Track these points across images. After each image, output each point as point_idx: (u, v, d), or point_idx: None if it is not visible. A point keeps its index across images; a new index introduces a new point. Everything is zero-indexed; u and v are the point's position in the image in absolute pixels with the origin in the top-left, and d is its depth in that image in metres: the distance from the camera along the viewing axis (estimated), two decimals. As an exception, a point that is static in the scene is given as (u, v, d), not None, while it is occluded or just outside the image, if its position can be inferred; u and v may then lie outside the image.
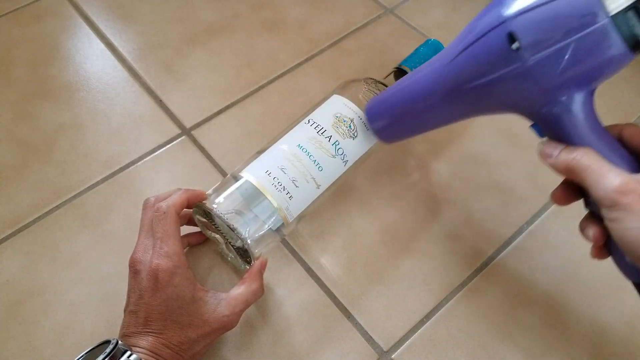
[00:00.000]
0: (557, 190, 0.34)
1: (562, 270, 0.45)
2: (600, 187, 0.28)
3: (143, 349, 0.33)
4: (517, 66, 0.29)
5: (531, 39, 0.29)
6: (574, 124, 0.31)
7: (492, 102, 0.34)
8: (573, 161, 0.30)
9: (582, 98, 0.30)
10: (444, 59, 0.36)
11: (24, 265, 0.45)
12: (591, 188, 0.29)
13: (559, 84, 0.30)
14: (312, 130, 0.43)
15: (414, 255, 0.46)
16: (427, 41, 0.53)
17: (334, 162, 0.43)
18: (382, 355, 0.41)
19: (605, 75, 0.30)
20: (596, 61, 0.29)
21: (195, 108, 0.55)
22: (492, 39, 0.30)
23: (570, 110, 0.30)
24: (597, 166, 0.29)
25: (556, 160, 0.31)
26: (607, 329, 0.42)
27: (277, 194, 0.40)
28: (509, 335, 0.42)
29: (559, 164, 0.31)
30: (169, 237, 0.36)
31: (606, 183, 0.28)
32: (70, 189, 0.49)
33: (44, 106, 0.55)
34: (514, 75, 0.30)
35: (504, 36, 0.29)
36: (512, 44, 0.29)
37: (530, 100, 0.31)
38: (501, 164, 0.51)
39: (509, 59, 0.30)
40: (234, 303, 0.37)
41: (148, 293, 0.34)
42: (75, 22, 0.63)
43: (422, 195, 0.49)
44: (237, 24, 0.63)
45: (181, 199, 0.39)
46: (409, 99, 0.40)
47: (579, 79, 0.29)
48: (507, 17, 0.29)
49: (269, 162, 0.42)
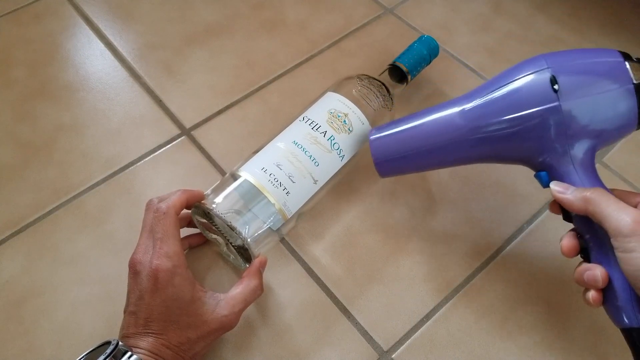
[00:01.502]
0: (564, 243, 0.36)
1: (562, 270, 0.45)
2: (621, 217, 0.30)
3: (143, 349, 0.33)
4: (554, 105, 0.34)
5: (568, 85, 0.34)
6: (581, 173, 0.35)
7: (513, 144, 0.37)
8: (592, 194, 0.32)
9: (590, 151, 0.35)
10: (472, 97, 0.38)
11: (24, 265, 0.45)
12: (609, 218, 0.31)
13: (580, 130, 0.35)
14: (307, 127, 0.43)
15: (414, 255, 0.46)
16: (421, 37, 0.53)
17: (330, 157, 0.43)
18: (382, 355, 0.41)
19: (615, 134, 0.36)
20: (612, 117, 0.34)
21: (195, 108, 0.55)
22: (537, 78, 0.35)
23: (578, 159, 0.35)
24: (613, 199, 0.32)
25: (573, 194, 0.34)
26: (607, 328, 0.42)
27: (274, 190, 0.40)
28: (509, 335, 0.42)
29: (577, 196, 0.33)
30: (168, 237, 0.36)
31: (624, 214, 0.30)
32: (70, 189, 0.49)
33: (44, 106, 0.55)
34: (548, 113, 0.35)
35: (547, 78, 0.35)
36: (553, 85, 0.34)
37: (550, 144, 0.35)
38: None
39: (548, 98, 0.35)
40: (232, 303, 0.37)
41: (148, 294, 0.34)
42: (75, 22, 0.63)
43: (422, 195, 0.49)
44: (237, 24, 0.63)
45: (180, 200, 0.39)
46: (425, 138, 0.40)
47: (595, 131, 0.35)
48: (552, 65, 0.35)
49: (265, 160, 0.42)
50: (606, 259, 0.33)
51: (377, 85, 0.48)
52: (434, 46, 0.53)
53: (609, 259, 0.33)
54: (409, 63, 0.51)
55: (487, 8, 0.65)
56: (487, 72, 0.58)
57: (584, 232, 0.35)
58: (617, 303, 0.32)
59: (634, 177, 0.51)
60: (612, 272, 0.33)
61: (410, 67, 0.51)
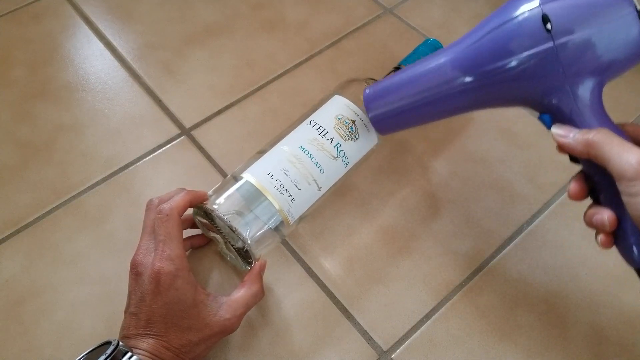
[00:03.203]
0: (572, 187, 0.34)
1: (562, 270, 0.45)
2: (624, 160, 0.28)
3: (143, 350, 0.33)
4: (548, 47, 0.31)
5: (563, 22, 0.31)
6: (586, 113, 0.32)
7: (509, 88, 0.34)
8: (595, 136, 0.30)
9: (596, 88, 0.32)
10: (463, 44, 0.36)
11: (24, 265, 0.45)
12: (612, 161, 0.29)
13: (580, 69, 0.32)
14: (314, 132, 0.43)
15: (413, 255, 0.46)
16: (427, 41, 0.53)
17: (336, 164, 0.43)
18: (382, 355, 0.41)
19: (622, 66, 0.32)
20: (616, 50, 0.31)
21: (194, 108, 0.55)
22: (527, 19, 0.32)
23: (583, 99, 0.32)
24: (617, 141, 0.29)
25: (574, 138, 0.31)
26: (607, 328, 0.42)
27: (280, 196, 0.40)
28: (508, 335, 0.42)
29: (578, 141, 0.31)
30: (171, 240, 0.36)
31: (629, 156, 0.28)
32: (70, 189, 0.49)
33: (43, 106, 0.55)
34: (542, 56, 0.32)
35: (538, 17, 0.31)
36: (545, 24, 0.31)
37: (550, 86, 0.33)
38: (501, 163, 0.51)
39: (541, 39, 0.32)
40: (235, 306, 0.37)
41: (150, 296, 0.34)
42: (74, 22, 0.63)
43: (422, 195, 0.49)
44: (236, 24, 0.63)
45: (184, 201, 0.38)
46: (419, 85, 0.39)
47: (599, 68, 0.32)
48: (543, 2, 0.32)
49: (270, 164, 0.41)
50: (615, 200, 0.31)
51: None
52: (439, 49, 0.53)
53: (619, 201, 0.30)
54: None
55: (487, 8, 0.65)
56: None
57: (592, 173, 0.33)
58: (629, 244, 0.31)
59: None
60: (622, 214, 0.31)
61: None
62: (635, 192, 0.28)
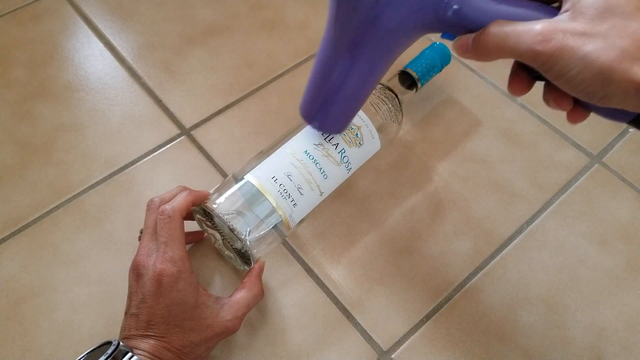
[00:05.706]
0: (510, 82, 0.31)
1: (562, 270, 0.45)
2: (523, 47, 0.25)
3: (144, 351, 0.33)
4: None
5: None
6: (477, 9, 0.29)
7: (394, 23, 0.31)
8: (487, 38, 0.27)
9: None
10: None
11: (24, 265, 0.45)
12: (517, 54, 0.26)
13: None
14: (319, 136, 0.42)
15: (413, 255, 0.46)
16: (433, 44, 0.53)
17: (339, 170, 0.43)
18: (382, 355, 0.41)
19: None
20: None
21: (194, 108, 0.55)
22: None
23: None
24: (510, 29, 0.26)
25: (474, 48, 0.28)
26: (607, 328, 0.42)
27: (283, 201, 0.40)
28: (509, 335, 0.42)
29: (478, 50, 0.28)
30: (173, 242, 0.36)
31: (525, 39, 0.25)
32: (69, 189, 0.49)
33: (43, 106, 0.55)
34: None
35: None
36: None
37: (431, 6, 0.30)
38: (501, 163, 0.51)
39: None
40: (236, 307, 0.37)
41: (151, 297, 0.34)
42: (74, 22, 0.63)
43: (422, 195, 0.49)
44: (236, 24, 0.63)
45: (186, 202, 0.38)
46: (322, 74, 0.37)
47: None
48: None
49: (275, 168, 0.41)
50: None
51: (390, 97, 0.47)
52: (446, 54, 0.53)
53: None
54: (419, 70, 0.51)
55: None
56: (500, 81, 0.58)
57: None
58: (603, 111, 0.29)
59: (633, 177, 0.51)
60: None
61: (421, 74, 0.51)
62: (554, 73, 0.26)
